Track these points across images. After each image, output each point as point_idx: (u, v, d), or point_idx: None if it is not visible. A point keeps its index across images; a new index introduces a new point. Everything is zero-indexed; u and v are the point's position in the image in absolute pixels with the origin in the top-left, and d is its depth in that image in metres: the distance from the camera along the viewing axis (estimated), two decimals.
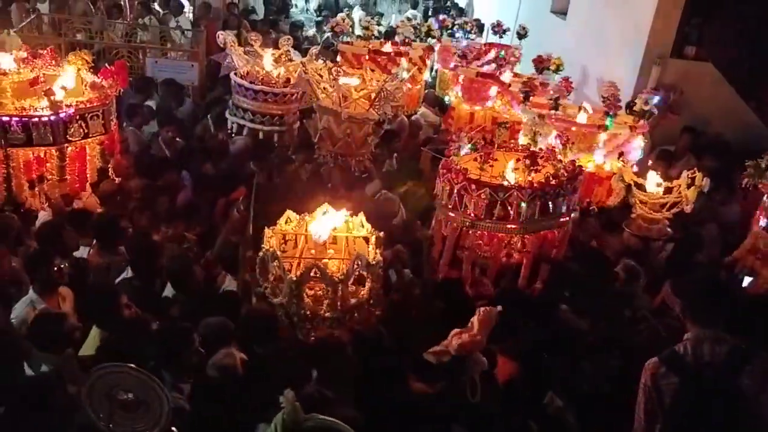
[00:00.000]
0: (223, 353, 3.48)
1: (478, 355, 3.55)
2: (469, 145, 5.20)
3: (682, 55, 8.09)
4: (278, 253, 4.12)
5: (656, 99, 6.50)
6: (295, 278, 4.01)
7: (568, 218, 5.08)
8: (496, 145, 5.37)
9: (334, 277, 4.00)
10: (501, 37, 10.18)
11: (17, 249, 4.88)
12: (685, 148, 7.56)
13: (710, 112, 7.98)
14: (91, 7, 10.76)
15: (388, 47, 9.10)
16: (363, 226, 4.50)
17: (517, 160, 5.06)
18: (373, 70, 7.39)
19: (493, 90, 7.85)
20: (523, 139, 6.56)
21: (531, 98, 6.89)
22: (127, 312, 3.99)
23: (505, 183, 4.84)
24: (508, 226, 4.79)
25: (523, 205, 4.68)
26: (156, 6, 11.84)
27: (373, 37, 9.43)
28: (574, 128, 6.42)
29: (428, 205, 5.74)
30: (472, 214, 4.79)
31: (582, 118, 6.59)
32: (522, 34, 10.02)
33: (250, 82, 7.07)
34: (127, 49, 9.58)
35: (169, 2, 11.75)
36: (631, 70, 8.21)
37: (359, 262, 4.04)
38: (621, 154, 6.26)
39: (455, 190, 4.82)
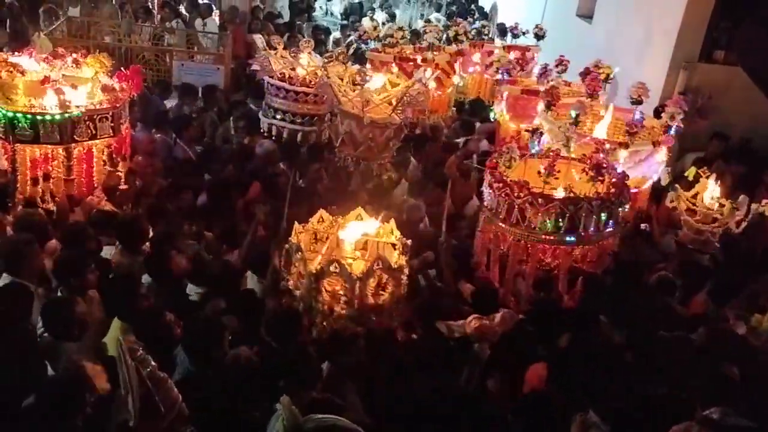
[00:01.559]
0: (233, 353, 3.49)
1: (484, 347, 3.54)
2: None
3: (711, 59, 7.98)
4: (302, 246, 4.14)
5: (681, 115, 6.17)
6: (314, 271, 4.05)
7: (619, 227, 5.07)
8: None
9: (353, 274, 4.03)
10: (519, 37, 10.11)
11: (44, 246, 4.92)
12: (715, 154, 7.44)
13: (738, 117, 7.84)
14: (118, 10, 10.92)
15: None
16: (393, 233, 4.50)
17: (582, 170, 4.98)
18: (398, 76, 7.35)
19: (540, 106, 7.67)
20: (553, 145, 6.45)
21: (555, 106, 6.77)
22: (145, 303, 4.03)
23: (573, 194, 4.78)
24: (572, 238, 4.74)
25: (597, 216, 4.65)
26: (183, 9, 11.97)
27: (398, 43, 9.35)
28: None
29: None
30: (537, 228, 4.73)
31: (601, 131, 6.38)
32: (540, 36, 9.92)
33: (288, 82, 7.11)
34: (153, 53, 9.71)
35: (196, 5, 11.87)
36: (659, 74, 8.11)
37: (380, 263, 4.06)
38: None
39: (516, 204, 4.73)
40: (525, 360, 3.81)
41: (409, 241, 4.33)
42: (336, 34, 12.77)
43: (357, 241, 4.43)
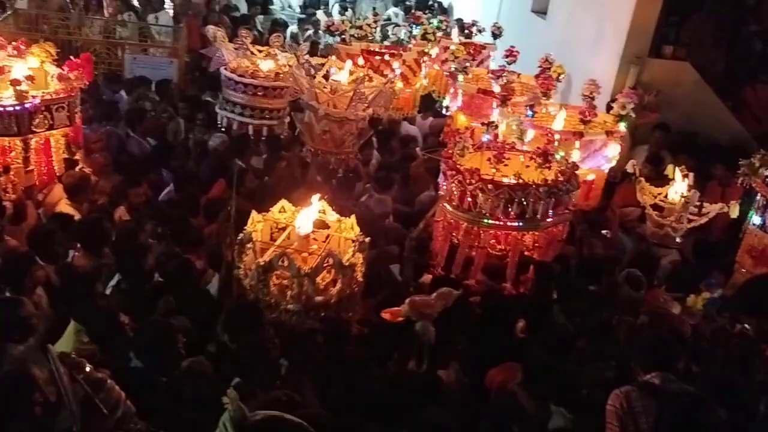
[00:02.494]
0: (190, 361, 3.45)
1: (428, 324, 3.57)
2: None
3: (660, 54, 8.17)
4: (256, 236, 4.11)
5: (632, 105, 6.39)
6: (263, 263, 4.01)
7: (570, 213, 5.19)
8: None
9: (302, 269, 3.99)
10: (470, 37, 10.15)
11: None
12: (658, 146, 7.62)
13: (688, 111, 8.05)
14: (68, 2, 10.64)
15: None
16: (353, 229, 4.48)
17: (530, 158, 5.12)
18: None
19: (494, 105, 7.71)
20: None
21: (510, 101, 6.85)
22: (102, 303, 3.96)
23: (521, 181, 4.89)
24: (522, 224, 4.85)
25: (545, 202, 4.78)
26: (135, 2, 11.72)
27: (367, 36, 9.29)
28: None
29: None
30: (488, 214, 4.82)
31: (558, 123, 6.50)
32: (497, 35, 9.99)
33: (240, 76, 7.03)
34: (105, 46, 9.49)
35: None
36: (611, 69, 8.27)
37: (330, 260, 4.03)
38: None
39: (468, 191, 4.82)
40: (477, 341, 3.88)
41: (367, 239, 4.32)
42: (293, 28, 12.67)
43: (318, 235, 4.40)
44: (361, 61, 8.08)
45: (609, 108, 6.95)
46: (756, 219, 5.21)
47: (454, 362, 3.87)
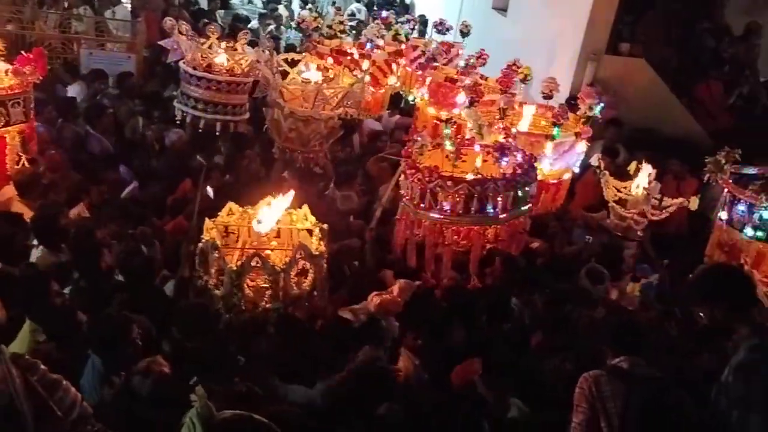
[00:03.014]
0: (147, 361, 3.41)
1: (391, 320, 3.60)
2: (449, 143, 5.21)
3: (617, 51, 8.33)
4: (218, 243, 4.07)
5: (599, 107, 6.44)
6: (235, 268, 3.99)
7: (528, 206, 5.26)
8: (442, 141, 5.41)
9: (276, 266, 3.99)
10: (444, 34, 10.17)
11: None
12: (612, 140, 7.77)
13: (644, 106, 8.23)
14: None
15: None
16: (307, 219, 4.49)
17: (487, 153, 5.16)
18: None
19: (461, 97, 7.76)
20: (468, 135, 6.59)
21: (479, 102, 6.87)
22: (58, 301, 3.89)
23: (479, 176, 4.94)
24: (486, 218, 4.91)
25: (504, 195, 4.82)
26: None
27: (336, 35, 9.18)
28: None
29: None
30: (449, 211, 4.85)
31: (524, 124, 6.55)
32: (465, 33, 10.03)
33: (198, 69, 6.87)
34: (60, 41, 9.27)
35: None
36: (570, 66, 8.41)
37: (302, 252, 4.04)
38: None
39: (428, 189, 4.84)
40: (438, 330, 3.92)
41: (325, 226, 4.33)
42: (254, 23, 12.56)
43: (270, 230, 4.40)
44: (330, 60, 8.03)
45: (569, 104, 7.06)
46: (723, 214, 5.30)
47: (408, 352, 3.90)
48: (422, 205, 4.96)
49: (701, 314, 3.60)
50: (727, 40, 9.16)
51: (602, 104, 6.46)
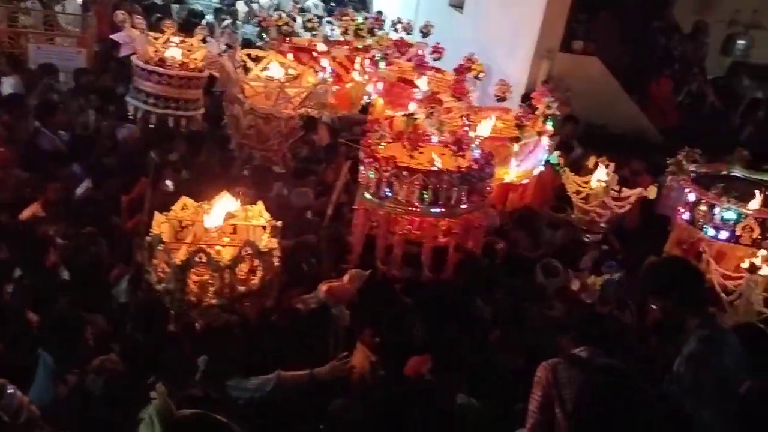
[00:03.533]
0: (100, 359, 3.35)
1: (343, 308, 3.60)
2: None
3: (571, 49, 8.46)
4: (163, 237, 4.02)
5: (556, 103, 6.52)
6: (179, 263, 3.93)
7: (486, 201, 5.30)
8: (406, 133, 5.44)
9: (220, 262, 3.95)
10: (409, 34, 10.16)
11: None
12: (569, 137, 7.91)
13: (597, 103, 8.38)
14: None
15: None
16: (262, 216, 4.45)
17: (445, 146, 5.20)
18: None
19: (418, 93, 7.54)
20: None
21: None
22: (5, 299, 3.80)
23: (435, 168, 4.95)
24: (439, 210, 4.92)
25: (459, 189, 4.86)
26: None
27: (293, 32, 9.05)
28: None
29: None
30: (404, 200, 4.88)
31: (485, 128, 6.42)
32: (426, 33, 10.03)
33: (150, 63, 6.79)
34: (7, 35, 9.00)
35: None
36: (525, 63, 8.52)
37: (248, 249, 4.01)
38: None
39: (384, 178, 4.88)
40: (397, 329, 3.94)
41: (279, 223, 4.31)
42: (209, 17, 12.38)
43: (224, 226, 4.35)
44: (290, 57, 7.94)
45: (525, 101, 7.14)
46: (685, 215, 5.36)
47: (364, 348, 3.91)
48: (378, 195, 5.00)
49: (653, 306, 3.67)
50: (676, 38, 9.42)
51: (557, 103, 6.54)
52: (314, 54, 8.41)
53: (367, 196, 5.09)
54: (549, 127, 6.56)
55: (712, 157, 5.88)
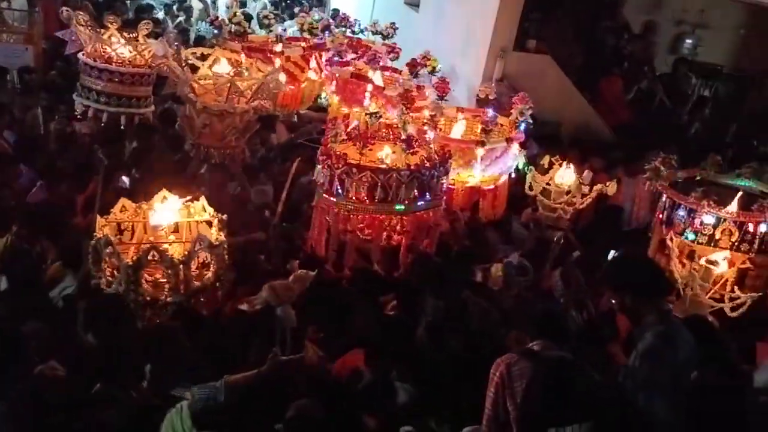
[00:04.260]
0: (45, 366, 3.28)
1: (288, 308, 3.60)
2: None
3: (524, 48, 8.57)
4: (111, 239, 3.96)
5: (530, 111, 6.46)
6: (131, 263, 3.89)
7: (441, 200, 5.35)
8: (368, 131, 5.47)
9: (175, 259, 3.93)
10: (346, 30, 10.13)
11: None
12: (526, 135, 8.00)
13: (551, 102, 8.50)
14: None
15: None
16: (205, 210, 4.43)
17: (394, 143, 5.25)
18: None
19: (370, 90, 7.47)
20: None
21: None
22: None
23: (384, 165, 5.02)
24: (389, 207, 4.99)
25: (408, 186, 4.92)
26: None
27: (246, 32, 8.92)
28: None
29: None
30: (354, 198, 4.93)
31: (458, 130, 6.55)
32: (386, 35, 10.01)
33: (99, 61, 6.62)
34: None
35: None
36: (480, 62, 8.59)
37: (201, 243, 3.99)
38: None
39: (336, 176, 4.94)
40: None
41: (224, 216, 4.30)
42: (160, 14, 12.16)
43: (167, 225, 4.32)
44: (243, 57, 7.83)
45: (478, 100, 7.18)
46: (665, 219, 5.38)
47: (312, 345, 3.91)
48: (330, 192, 5.06)
49: (612, 301, 3.76)
50: (626, 37, 9.64)
51: (531, 110, 6.53)
52: (269, 54, 8.32)
53: (322, 193, 5.13)
54: (521, 131, 6.49)
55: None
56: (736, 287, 5.01)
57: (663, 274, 4.07)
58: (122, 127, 6.74)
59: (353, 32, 9.47)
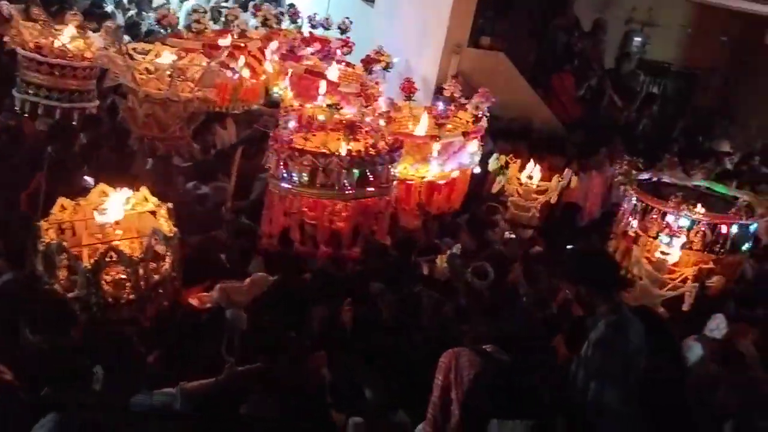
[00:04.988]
0: None
1: (239, 311, 3.61)
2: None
3: (478, 45, 8.67)
4: (65, 244, 3.88)
5: (488, 104, 6.52)
6: (89, 266, 3.82)
7: (387, 188, 5.38)
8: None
9: (134, 257, 3.88)
10: (327, 29, 10.07)
11: None
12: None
13: (505, 98, 8.59)
14: None
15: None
16: (147, 200, 4.34)
17: (339, 129, 5.32)
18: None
19: (323, 87, 7.45)
20: None
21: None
22: None
23: (325, 150, 5.09)
24: (330, 192, 5.09)
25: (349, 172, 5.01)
26: None
27: (206, 29, 8.74)
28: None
29: None
30: (297, 182, 5.04)
31: (422, 129, 6.48)
32: (344, 29, 9.95)
33: (41, 54, 6.48)
34: None
35: None
36: (435, 58, 8.65)
37: (156, 237, 3.95)
38: None
39: (281, 160, 5.06)
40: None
41: (170, 204, 4.27)
42: (110, 7, 11.87)
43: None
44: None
45: (438, 93, 7.22)
46: (634, 223, 5.52)
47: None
48: (276, 176, 5.20)
49: (567, 291, 3.86)
50: (577, 35, 9.83)
51: (488, 104, 6.61)
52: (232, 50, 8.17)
53: (271, 178, 5.28)
54: (480, 126, 6.52)
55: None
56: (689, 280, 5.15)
57: (618, 267, 4.21)
58: (74, 123, 6.61)
59: (301, 27, 9.47)
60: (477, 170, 6.70)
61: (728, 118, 10.82)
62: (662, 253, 5.13)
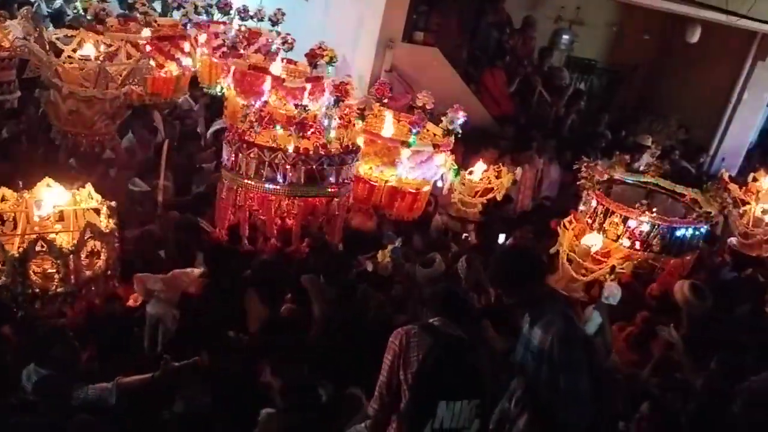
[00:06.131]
0: None
1: (162, 306, 3.63)
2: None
3: (412, 39, 8.75)
4: None
5: (461, 120, 6.53)
6: (17, 255, 3.76)
7: (336, 190, 5.36)
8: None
9: (63, 249, 3.83)
10: (261, 21, 9.90)
11: None
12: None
13: (438, 93, 8.68)
14: None
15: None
16: (92, 198, 4.33)
17: (290, 126, 5.35)
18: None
19: (267, 84, 7.34)
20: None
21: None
22: None
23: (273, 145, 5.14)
24: (275, 187, 5.11)
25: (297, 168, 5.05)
26: None
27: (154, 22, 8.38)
28: (379, 141, 6.22)
29: None
30: (245, 174, 5.09)
31: (388, 131, 6.49)
32: (275, 21, 9.82)
33: None
34: None
35: None
36: (370, 52, 8.67)
37: (90, 231, 3.91)
38: None
39: (233, 152, 5.16)
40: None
41: (113, 203, 4.23)
42: None
43: (53, 213, 4.19)
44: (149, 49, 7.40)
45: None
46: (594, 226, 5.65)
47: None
48: (227, 167, 5.27)
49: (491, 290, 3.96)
50: (508, 32, 10.04)
51: (463, 119, 6.64)
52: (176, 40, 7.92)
53: (223, 170, 5.34)
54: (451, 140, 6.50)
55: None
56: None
57: (540, 258, 4.33)
58: None
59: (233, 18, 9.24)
60: (440, 184, 6.63)
61: (651, 114, 11.27)
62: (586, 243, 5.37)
